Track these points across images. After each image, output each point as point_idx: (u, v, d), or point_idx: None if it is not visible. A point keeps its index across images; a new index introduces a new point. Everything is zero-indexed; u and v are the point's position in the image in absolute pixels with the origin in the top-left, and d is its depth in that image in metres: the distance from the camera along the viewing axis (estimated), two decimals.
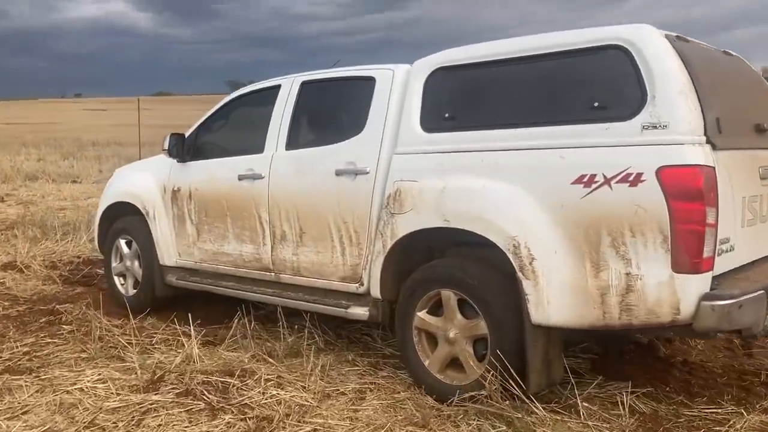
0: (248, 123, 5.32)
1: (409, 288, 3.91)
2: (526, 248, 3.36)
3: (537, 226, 3.36)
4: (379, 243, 4.01)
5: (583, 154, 3.25)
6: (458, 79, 3.90)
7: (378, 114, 4.17)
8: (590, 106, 3.31)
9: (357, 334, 4.93)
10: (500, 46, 3.74)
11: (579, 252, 3.26)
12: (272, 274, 4.76)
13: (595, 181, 3.19)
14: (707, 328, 3.04)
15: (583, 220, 3.23)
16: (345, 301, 4.35)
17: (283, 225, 4.60)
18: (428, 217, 3.76)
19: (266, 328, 4.96)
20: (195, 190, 5.22)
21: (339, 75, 4.60)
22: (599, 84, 3.36)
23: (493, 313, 3.55)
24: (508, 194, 3.46)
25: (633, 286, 3.11)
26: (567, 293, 3.29)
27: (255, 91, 5.15)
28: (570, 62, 3.44)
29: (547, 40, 3.55)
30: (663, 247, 3.02)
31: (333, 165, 4.30)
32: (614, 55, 3.29)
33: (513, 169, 3.48)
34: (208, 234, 5.16)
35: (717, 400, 3.75)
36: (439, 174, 3.76)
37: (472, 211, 3.57)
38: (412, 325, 3.91)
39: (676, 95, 3.06)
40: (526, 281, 3.36)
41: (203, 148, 5.35)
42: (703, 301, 2.99)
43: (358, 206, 4.16)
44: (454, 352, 3.76)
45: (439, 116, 3.90)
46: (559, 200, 3.30)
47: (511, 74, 3.66)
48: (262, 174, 4.72)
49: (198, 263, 5.31)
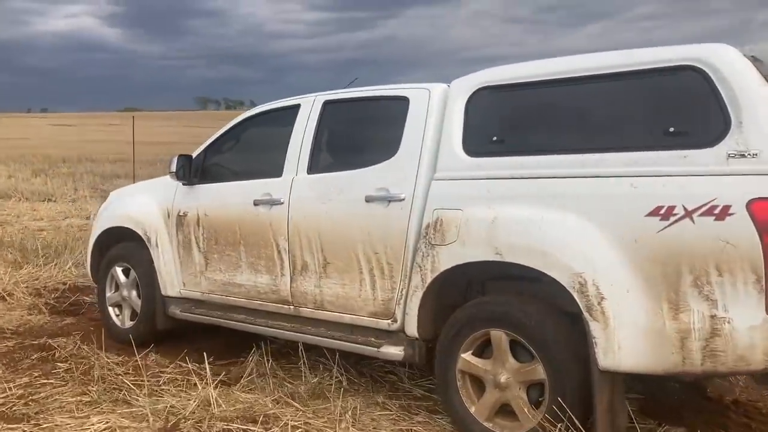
0: (263, 145, 4.98)
1: (453, 327, 3.58)
2: (594, 286, 3.06)
3: (606, 261, 3.06)
4: (416, 277, 3.67)
5: (659, 183, 2.97)
6: (507, 100, 3.61)
7: (413, 136, 3.86)
8: (665, 131, 3.03)
9: (380, 372, 4.57)
10: (557, 65, 3.45)
11: (655, 291, 2.96)
12: (291, 308, 4.39)
13: (673, 214, 2.90)
14: None
15: (660, 256, 2.94)
16: (375, 338, 4.00)
17: (305, 255, 4.24)
18: (477, 250, 3.44)
19: (281, 365, 4.58)
20: (204, 216, 4.84)
21: (367, 95, 4.28)
22: (673, 107, 3.09)
23: (552, 357, 3.23)
24: (572, 226, 3.16)
25: (719, 330, 2.82)
26: (641, 337, 2.99)
27: (270, 110, 4.81)
28: (640, 83, 3.17)
29: (612, 59, 3.27)
30: (756, 288, 2.74)
31: (362, 191, 3.97)
32: (689, 77, 3.03)
33: (576, 198, 3.18)
34: (219, 263, 4.78)
35: None
36: (488, 202, 3.45)
37: (530, 244, 3.26)
38: (456, 367, 3.58)
39: (766, 122, 2.79)
40: (593, 323, 3.06)
41: (212, 170, 4.98)
42: None
43: (392, 236, 3.83)
44: (505, 399, 3.43)
45: (486, 139, 3.61)
46: (631, 234, 3.00)
47: (571, 95, 3.38)
48: (281, 199, 4.37)
49: (205, 294, 4.92)
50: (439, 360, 3.65)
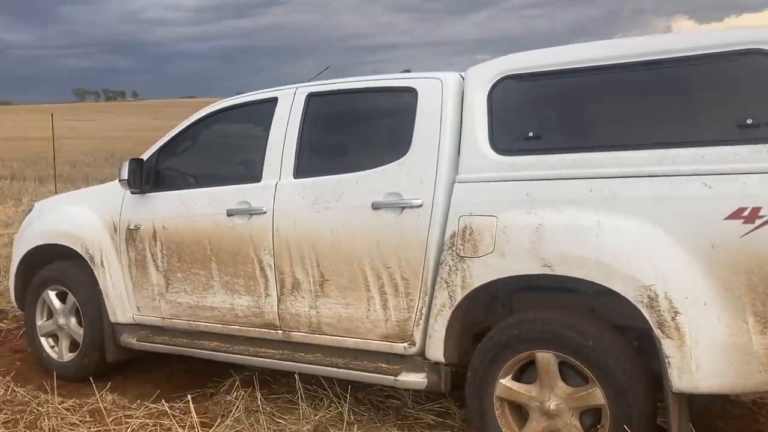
0: (232, 145, 4.35)
1: (490, 350, 3.15)
2: (667, 300, 2.71)
3: (679, 272, 2.71)
4: (442, 294, 3.21)
5: (739, 182, 2.64)
6: (541, 90, 3.19)
7: (427, 133, 3.37)
8: (740, 123, 2.71)
9: (379, 397, 4.08)
10: (601, 50, 3.06)
11: (738, 303, 2.64)
12: (279, 332, 3.82)
13: (759, 216, 2.58)
14: None
15: (744, 264, 2.62)
16: (386, 364, 3.51)
17: (296, 271, 3.68)
18: (519, 262, 3.01)
19: (265, 396, 3.99)
20: (162, 229, 4.16)
21: (362, 86, 3.73)
22: (746, 96, 2.77)
23: (614, 380, 2.86)
24: (636, 232, 2.79)
25: None
26: (721, 354, 2.67)
27: (238, 105, 4.16)
28: (703, 70, 2.83)
29: (670, 43, 2.91)
30: None
31: (368, 196, 3.45)
32: (758, 62, 2.72)
33: (638, 200, 2.81)
34: (183, 283, 4.12)
35: None
36: (528, 207, 3.03)
37: (586, 254, 2.87)
38: (493, 395, 3.16)
39: None
40: (666, 340, 2.71)
41: (169, 175, 4.29)
42: None
43: (407, 248, 3.35)
44: (553, 427, 3.04)
45: (518, 135, 3.18)
46: (708, 239, 2.67)
47: (622, 84, 3.00)
48: (262, 208, 3.77)
49: (167, 320, 4.25)
50: (473, 387, 3.21)
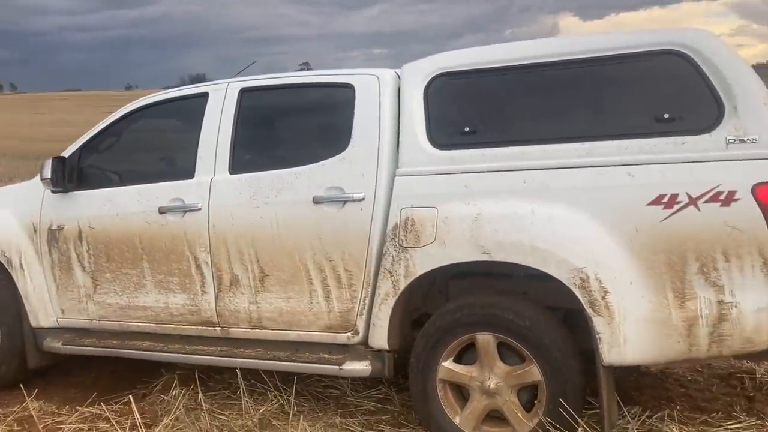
0: (162, 141, 4.28)
1: (433, 334, 3.30)
2: (597, 281, 2.95)
3: (607, 254, 2.96)
4: (386, 283, 3.33)
5: (659, 171, 2.92)
6: (475, 87, 3.36)
7: (367, 128, 3.48)
8: (657, 117, 2.98)
9: (318, 388, 4.15)
10: (532, 49, 3.27)
11: (659, 281, 2.92)
12: (217, 329, 3.82)
13: (677, 202, 2.87)
14: None
15: (664, 246, 2.90)
16: (329, 354, 3.59)
17: (234, 268, 3.69)
18: (460, 251, 3.18)
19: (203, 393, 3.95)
20: (88, 229, 4.04)
21: (298, 81, 3.79)
22: (663, 93, 3.05)
23: (550, 357, 3.08)
24: (567, 219, 3.02)
25: (727, 314, 2.85)
26: (646, 328, 2.94)
27: (166, 101, 4.10)
28: (625, 68, 3.10)
29: (593, 43, 3.16)
30: (762, 271, 2.79)
31: (308, 191, 3.51)
32: (674, 62, 3.01)
33: (568, 190, 3.04)
34: (113, 284, 4.02)
35: (733, 413, 3.68)
36: (466, 198, 3.20)
37: (522, 241, 3.07)
38: (436, 377, 3.31)
39: (762, 106, 2.85)
40: (597, 318, 2.95)
41: (93, 173, 4.18)
42: None
43: (350, 240, 3.44)
44: (494, 405, 3.24)
45: (455, 130, 3.35)
46: (632, 224, 2.93)
47: (551, 80, 3.22)
48: (197, 205, 3.75)
49: (95, 321, 4.14)
50: (416, 371, 3.35)
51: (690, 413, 3.66)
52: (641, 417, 3.49)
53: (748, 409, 3.72)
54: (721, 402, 3.85)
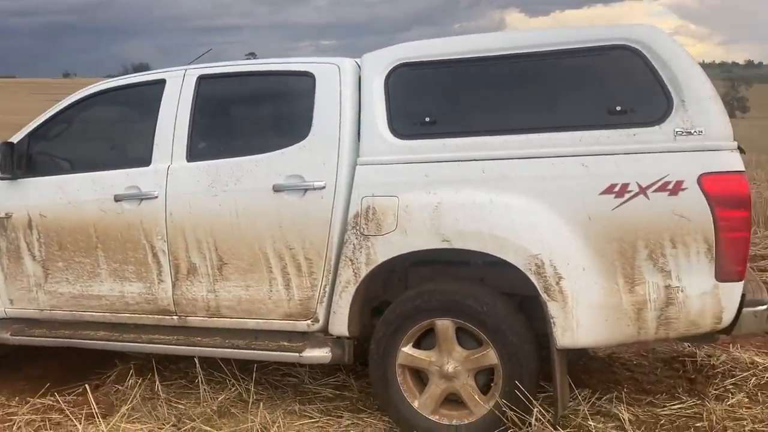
0: (117, 128, 4.19)
1: (393, 321, 3.36)
2: (552, 267, 3.06)
3: (561, 242, 3.07)
4: (347, 271, 3.37)
5: (611, 161, 3.04)
6: (435, 77, 3.42)
7: (327, 117, 3.50)
8: (610, 110, 3.10)
9: (276, 376, 4.17)
10: (490, 42, 3.35)
11: (610, 267, 3.04)
12: (174, 318, 3.79)
13: (628, 191, 2.99)
14: (747, 333, 3.06)
15: (615, 233, 3.02)
16: (289, 342, 3.61)
17: (192, 256, 3.67)
18: (420, 239, 3.24)
19: (159, 382, 3.93)
20: (39, 217, 3.95)
21: (257, 69, 3.78)
22: (615, 86, 3.17)
23: (506, 341, 3.18)
24: (524, 208, 3.11)
25: (673, 298, 2.99)
26: (597, 312, 3.06)
27: (122, 87, 4.03)
28: (579, 62, 3.20)
29: (547, 37, 3.26)
30: (707, 257, 2.94)
31: (268, 179, 3.52)
32: (625, 56, 3.12)
33: (525, 179, 3.14)
34: (65, 273, 3.94)
35: (675, 395, 3.86)
36: (427, 187, 3.26)
37: (481, 229, 3.15)
38: (396, 363, 3.37)
39: (707, 100, 2.99)
40: (552, 303, 3.06)
41: (45, 160, 4.08)
42: (745, 308, 2.98)
43: (311, 229, 3.46)
44: (451, 388, 3.32)
45: (415, 120, 3.40)
46: (585, 213, 3.04)
47: (509, 73, 3.30)
48: (153, 192, 3.71)
49: (46, 311, 4.06)
50: (376, 357, 3.41)
51: (636, 395, 3.83)
52: (591, 399, 3.64)
53: (689, 391, 3.91)
54: (664, 384, 4.03)
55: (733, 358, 4.24)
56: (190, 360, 3.96)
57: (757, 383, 3.91)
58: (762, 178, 13.26)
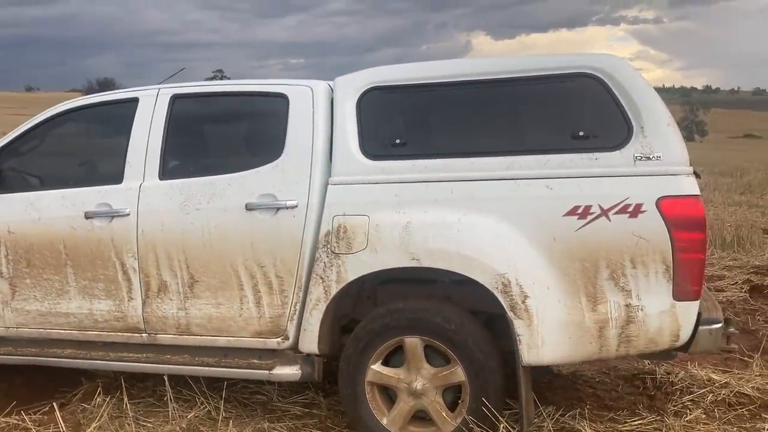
0: (88, 146, 4.20)
1: (363, 338, 3.41)
2: (518, 286, 3.15)
3: (527, 261, 3.17)
4: (317, 289, 3.42)
5: (574, 184, 3.16)
6: (405, 101, 3.53)
7: (300, 137, 3.56)
8: (573, 134, 3.23)
9: (244, 394, 4.18)
10: (458, 67, 3.47)
11: (574, 286, 3.15)
12: (144, 335, 3.80)
13: (590, 213, 3.11)
14: (702, 350, 3.18)
15: (578, 253, 3.13)
16: (258, 359, 3.64)
17: (163, 274, 3.69)
18: (390, 257, 3.31)
19: (125, 399, 3.90)
20: (7, 233, 3.93)
21: (230, 89, 3.84)
22: (578, 112, 3.31)
23: (473, 359, 3.26)
24: (491, 228, 3.21)
25: (633, 317, 3.11)
26: (561, 330, 3.16)
27: (94, 104, 4.05)
28: (542, 88, 3.33)
29: (514, 64, 3.38)
30: (665, 277, 3.07)
31: (241, 198, 3.56)
32: (587, 84, 3.26)
33: (492, 200, 3.24)
34: (33, 290, 3.92)
35: (636, 411, 3.97)
36: (397, 207, 3.34)
37: (449, 248, 3.24)
38: (365, 380, 3.43)
39: (665, 127, 3.13)
40: (518, 321, 3.15)
41: (14, 176, 4.06)
42: (701, 326, 3.11)
43: (282, 247, 3.51)
44: (420, 405, 3.39)
45: (386, 142, 3.49)
46: (550, 233, 3.15)
47: (475, 98, 3.42)
48: (125, 210, 3.73)
49: (12, 329, 4.02)
50: (346, 375, 3.46)
51: (598, 411, 3.93)
52: (555, 415, 3.72)
53: (649, 407, 4.02)
54: (626, 401, 4.14)
55: (690, 376, 4.38)
56: (159, 378, 3.95)
57: (713, 400, 4.04)
58: (719, 201, 13.67)
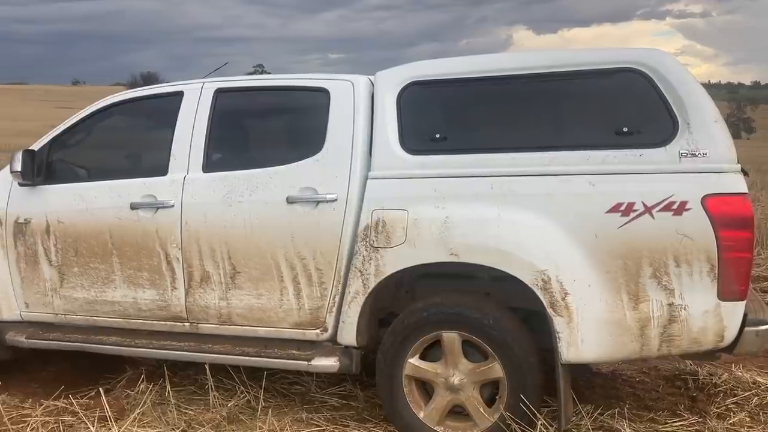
0: (134, 138, 4.29)
1: (401, 332, 3.43)
2: (558, 282, 3.13)
3: (568, 258, 3.14)
4: (356, 282, 3.45)
5: (617, 181, 3.12)
6: (445, 96, 3.52)
7: (341, 132, 3.59)
8: (616, 130, 3.19)
9: (283, 384, 4.23)
10: (500, 62, 3.45)
11: (615, 284, 3.11)
12: (186, 325, 3.87)
13: (633, 210, 3.07)
14: (748, 352, 3.12)
15: (620, 251, 3.09)
16: (297, 350, 3.68)
17: (206, 264, 3.76)
18: (429, 252, 3.32)
19: (167, 387, 3.99)
20: (57, 223, 4.04)
21: (272, 84, 3.89)
22: (623, 108, 3.27)
23: (512, 355, 3.25)
24: (531, 224, 3.19)
25: (676, 316, 3.06)
26: (602, 328, 3.13)
27: (140, 98, 4.15)
28: (587, 83, 3.30)
29: (557, 59, 3.36)
30: (710, 276, 3.01)
31: (282, 191, 3.61)
32: (633, 79, 3.21)
33: (533, 196, 3.22)
34: (81, 278, 4.03)
35: (677, 412, 3.91)
36: (436, 202, 3.34)
37: (488, 243, 3.23)
38: (402, 373, 3.44)
39: (712, 123, 3.07)
40: (558, 318, 3.13)
41: (63, 168, 4.18)
42: (747, 327, 3.05)
43: (322, 240, 3.54)
44: (457, 400, 3.39)
45: (426, 136, 3.49)
46: (592, 230, 3.12)
47: (518, 92, 3.40)
48: (169, 202, 3.80)
49: (60, 315, 4.14)
50: (384, 367, 3.48)
51: (638, 411, 3.88)
52: (593, 414, 3.68)
53: (691, 409, 3.95)
54: (666, 401, 4.08)
55: (735, 378, 4.28)
56: (200, 366, 4.03)
57: (759, 403, 3.95)
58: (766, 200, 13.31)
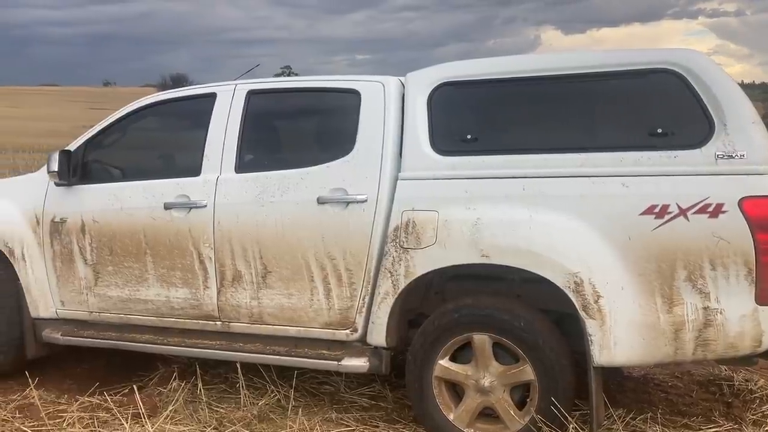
0: (167, 139, 4.36)
1: (431, 333, 3.42)
2: (591, 285, 3.10)
3: (601, 260, 3.11)
4: (386, 282, 3.45)
5: (652, 183, 3.08)
6: (476, 97, 3.51)
7: (371, 133, 3.60)
8: (652, 131, 3.15)
9: (313, 384, 4.26)
10: (530, 63, 3.43)
11: (649, 287, 3.07)
12: (218, 323, 3.92)
13: (668, 212, 3.03)
14: None
15: (654, 253, 3.05)
16: (327, 350, 3.70)
17: (238, 264, 3.79)
18: (459, 253, 3.31)
19: (199, 385, 4.03)
20: (92, 222, 4.12)
21: (305, 85, 3.92)
22: (658, 109, 3.22)
23: (543, 357, 3.22)
24: (563, 226, 3.16)
25: (712, 320, 3.01)
26: (635, 332, 3.09)
27: (174, 99, 4.21)
28: (620, 84, 3.26)
29: (589, 59, 3.34)
30: (747, 280, 2.96)
31: (313, 191, 3.63)
32: (668, 80, 3.17)
33: (565, 198, 3.19)
34: (115, 277, 4.10)
35: (712, 418, 3.84)
36: (467, 203, 3.33)
37: (519, 245, 3.21)
38: (432, 375, 3.44)
39: (750, 125, 3.02)
40: (590, 321, 3.10)
41: (99, 168, 4.26)
42: None
43: (353, 240, 3.56)
44: (487, 403, 3.37)
45: (457, 137, 3.48)
46: (625, 232, 3.08)
47: (550, 93, 3.37)
48: (202, 202, 3.85)
49: (95, 313, 4.22)
50: (413, 369, 3.48)
51: (671, 416, 3.83)
52: (626, 418, 3.64)
53: (726, 415, 3.88)
54: (700, 407, 4.01)
55: None
56: (231, 365, 4.07)
57: None
58: None
